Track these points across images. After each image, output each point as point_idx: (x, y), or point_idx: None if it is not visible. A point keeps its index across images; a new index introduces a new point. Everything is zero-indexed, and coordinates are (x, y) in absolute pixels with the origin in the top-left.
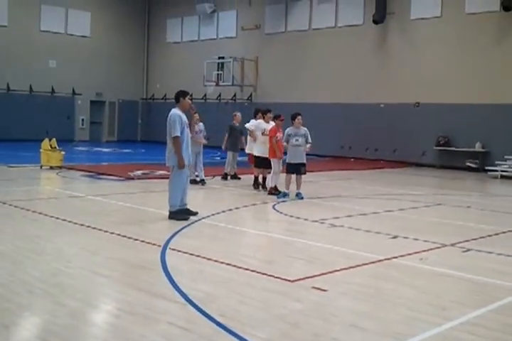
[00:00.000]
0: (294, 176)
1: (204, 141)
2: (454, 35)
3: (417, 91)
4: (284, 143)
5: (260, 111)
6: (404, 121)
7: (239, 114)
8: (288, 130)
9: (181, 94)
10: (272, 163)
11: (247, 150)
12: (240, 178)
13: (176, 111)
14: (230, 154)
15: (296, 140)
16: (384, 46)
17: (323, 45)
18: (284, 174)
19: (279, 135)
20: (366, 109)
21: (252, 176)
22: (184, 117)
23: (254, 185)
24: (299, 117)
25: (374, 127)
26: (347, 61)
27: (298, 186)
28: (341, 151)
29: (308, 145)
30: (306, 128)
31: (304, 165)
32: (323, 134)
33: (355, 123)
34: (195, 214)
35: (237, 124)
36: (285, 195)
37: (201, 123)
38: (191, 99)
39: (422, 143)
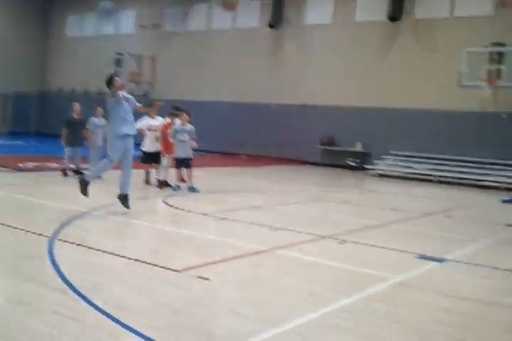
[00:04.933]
0: (183, 170)
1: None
2: (343, 41)
3: (306, 94)
4: (171, 139)
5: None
6: (294, 121)
7: (78, 105)
8: (175, 126)
9: (108, 82)
10: (160, 158)
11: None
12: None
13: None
14: (68, 150)
15: (182, 136)
16: (279, 49)
17: (221, 46)
18: (174, 168)
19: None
20: (259, 108)
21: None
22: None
23: (145, 179)
24: (184, 115)
25: (266, 126)
26: (244, 62)
27: (189, 180)
28: (234, 148)
29: (192, 142)
30: (191, 126)
31: (190, 159)
32: (217, 131)
33: (248, 121)
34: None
35: (76, 116)
36: (176, 188)
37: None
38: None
39: (308, 142)
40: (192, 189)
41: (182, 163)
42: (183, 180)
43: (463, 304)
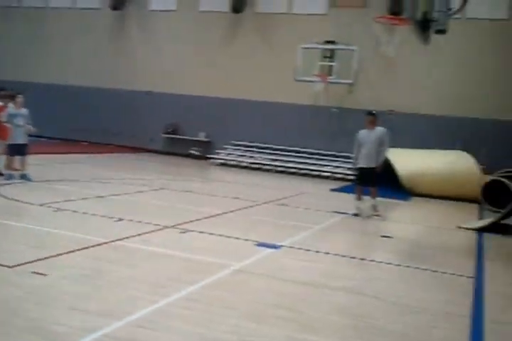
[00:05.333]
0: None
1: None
2: (188, 29)
3: (150, 80)
4: (7, 124)
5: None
6: (137, 108)
7: None
8: (9, 110)
9: None
10: None
11: None
12: None
13: None
14: None
15: (18, 120)
16: (121, 33)
17: (61, 25)
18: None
19: (2, 114)
20: (102, 94)
21: None
22: None
23: None
24: (20, 96)
25: (108, 112)
26: (86, 44)
27: (23, 168)
28: (74, 135)
29: (29, 127)
30: (27, 109)
31: (26, 145)
32: (55, 116)
33: (89, 106)
34: None
35: None
36: (9, 177)
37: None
38: None
39: (151, 130)
40: (25, 177)
41: (17, 150)
42: (15, 169)
43: (295, 288)
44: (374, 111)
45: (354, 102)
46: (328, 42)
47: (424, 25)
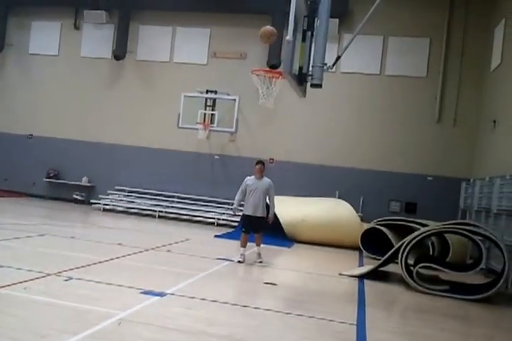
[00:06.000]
0: None
1: None
2: (71, 74)
3: (31, 123)
4: None
5: None
6: (17, 152)
7: None
8: None
9: None
10: None
11: None
12: None
13: None
14: None
15: None
16: (1, 75)
17: None
18: None
19: None
20: None
21: None
22: None
23: None
24: None
25: None
26: None
27: None
28: None
29: None
30: None
31: None
32: None
33: None
34: None
35: None
36: None
37: None
38: None
39: (32, 174)
40: None
41: None
42: None
43: (179, 336)
44: (262, 160)
45: (236, 150)
46: (210, 91)
47: (301, 79)
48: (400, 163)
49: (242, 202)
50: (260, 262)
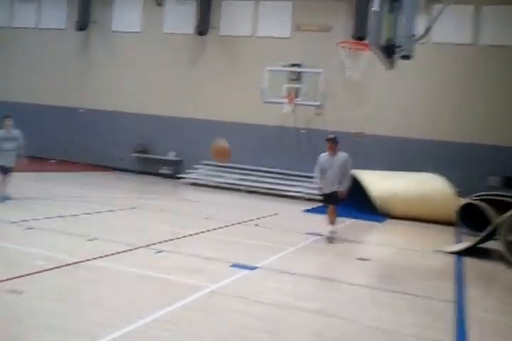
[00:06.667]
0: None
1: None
2: (153, 50)
3: (115, 100)
4: None
5: None
6: (103, 128)
7: None
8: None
9: None
10: None
11: None
12: None
13: None
14: None
15: (7, 144)
16: (86, 53)
17: (25, 45)
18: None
19: None
20: (66, 113)
21: None
22: None
23: None
24: (8, 119)
25: (74, 131)
26: (50, 63)
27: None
28: (42, 153)
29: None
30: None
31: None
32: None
33: (55, 126)
34: None
35: None
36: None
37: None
38: None
39: (120, 150)
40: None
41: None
42: None
43: (272, 310)
44: (333, 136)
45: (322, 124)
46: (294, 65)
47: (389, 51)
48: (501, 136)
49: None
50: (330, 242)
